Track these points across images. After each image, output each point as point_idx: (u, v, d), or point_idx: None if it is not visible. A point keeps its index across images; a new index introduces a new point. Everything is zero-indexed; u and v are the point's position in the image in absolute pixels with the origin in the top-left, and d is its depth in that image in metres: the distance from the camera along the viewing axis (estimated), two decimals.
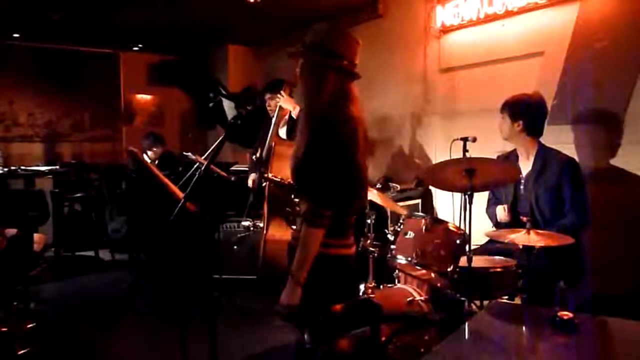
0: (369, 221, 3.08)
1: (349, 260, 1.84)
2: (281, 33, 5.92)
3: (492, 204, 2.96)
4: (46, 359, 2.96)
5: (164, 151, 5.34)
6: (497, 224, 2.86)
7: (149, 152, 5.27)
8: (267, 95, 4.01)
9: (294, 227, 1.93)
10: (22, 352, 2.79)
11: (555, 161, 2.66)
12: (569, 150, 2.88)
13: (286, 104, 3.66)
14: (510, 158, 2.85)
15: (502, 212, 2.80)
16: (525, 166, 2.76)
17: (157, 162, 5.26)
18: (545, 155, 2.70)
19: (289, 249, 1.90)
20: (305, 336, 1.69)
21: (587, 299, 2.68)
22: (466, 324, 1.65)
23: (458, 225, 2.48)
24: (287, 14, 5.23)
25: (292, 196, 1.89)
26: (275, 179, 2.11)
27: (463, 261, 2.33)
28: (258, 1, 4.47)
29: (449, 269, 2.33)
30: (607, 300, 2.67)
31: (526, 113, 2.70)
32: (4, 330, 2.81)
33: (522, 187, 2.75)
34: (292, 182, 1.87)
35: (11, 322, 2.90)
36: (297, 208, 1.84)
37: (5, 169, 5.64)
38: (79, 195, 5.63)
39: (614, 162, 3.15)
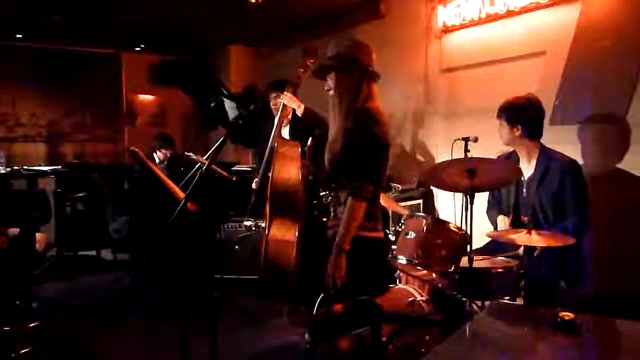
0: None
1: (382, 242, 2.16)
2: (283, 33, 5.92)
3: (492, 206, 2.95)
4: (48, 358, 2.97)
5: (173, 154, 5.33)
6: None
7: (158, 153, 5.28)
8: (272, 95, 4.00)
9: (325, 219, 2.20)
10: (23, 351, 2.80)
11: (557, 164, 2.63)
12: (571, 150, 2.87)
13: (290, 103, 3.66)
14: (512, 158, 2.84)
15: (502, 224, 2.77)
16: (527, 169, 2.74)
17: (165, 163, 5.27)
18: (547, 158, 2.67)
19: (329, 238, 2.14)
20: (306, 336, 1.69)
21: (589, 299, 2.67)
22: (467, 324, 1.64)
23: (459, 225, 2.47)
24: (288, 14, 5.23)
25: (331, 187, 2.14)
26: (313, 170, 2.22)
27: (464, 261, 2.33)
28: (259, 1, 4.47)
29: (450, 270, 2.33)
30: (610, 301, 2.67)
31: (523, 118, 2.66)
32: (6, 329, 2.82)
33: (524, 190, 2.74)
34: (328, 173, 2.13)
35: (13, 322, 2.90)
36: (327, 200, 2.15)
37: (8, 169, 5.64)
38: (81, 195, 5.63)
39: (615, 162, 3.15)
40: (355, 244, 2.01)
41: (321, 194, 2.22)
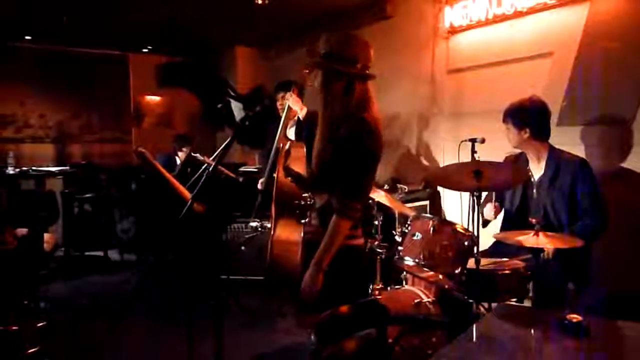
0: (376, 222, 3.07)
1: (361, 249, 2.06)
2: (289, 34, 5.93)
3: (487, 201, 2.92)
4: (55, 357, 2.98)
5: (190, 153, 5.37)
6: (484, 223, 2.80)
7: (179, 153, 5.33)
8: (280, 95, 4.01)
9: (304, 221, 2.10)
10: (31, 350, 2.81)
11: (568, 164, 2.62)
12: (578, 151, 2.86)
13: (294, 104, 3.66)
14: (520, 160, 2.82)
15: (489, 210, 2.75)
16: (537, 170, 2.73)
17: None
18: (557, 159, 2.66)
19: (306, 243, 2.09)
20: (312, 337, 1.69)
21: (598, 301, 2.65)
22: (474, 326, 1.63)
23: (466, 227, 2.46)
24: (294, 15, 5.24)
25: (308, 191, 2.07)
26: (294, 172, 2.10)
27: (471, 263, 2.31)
28: (266, 2, 4.48)
29: (456, 271, 2.31)
30: (619, 303, 2.65)
31: (530, 119, 2.65)
32: (14, 329, 2.84)
33: (534, 190, 2.73)
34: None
35: (21, 321, 2.92)
36: (309, 202, 2.08)
37: (17, 170, 5.69)
38: (88, 195, 5.67)
39: (624, 163, 3.12)
40: (338, 252, 1.93)
41: (304, 195, 2.16)
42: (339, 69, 1.88)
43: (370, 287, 3.10)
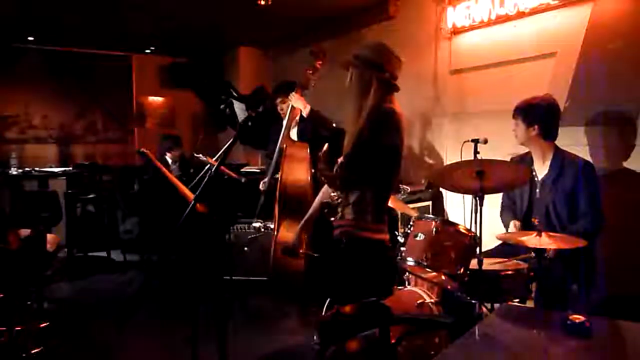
0: None
1: (386, 244, 2.16)
2: (292, 35, 5.94)
3: (506, 209, 2.93)
4: (59, 358, 3.00)
5: (181, 154, 5.38)
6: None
7: (168, 155, 5.32)
8: (278, 99, 4.02)
9: (337, 216, 2.18)
10: (35, 351, 2.82)
11: (571, 164, 2.62)
12: (581, 151, 2.86)
13: (297, 103, 3.67)
14: (525, 160, 2.82)
15: (513, 229, 2.76)
16: (541, 170, 2.73)
17: (177, 164, 5.31)
18: (562, 159, 2.66)
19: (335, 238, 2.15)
20: (315, 337, 1.69)
21: (601, 302, 2.65)
22: (477, 327, 1.63)
23: (468, 227, 2.46)
24: (297, 15, 5.24)
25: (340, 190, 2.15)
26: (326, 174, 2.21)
27: (474, 264, 2.31)
28: (269, 3, 4.49)
29: (459, 272, 2.31)
30: (622, 303, 2.64)
31: (540, 117, 2.66)
32: (18, 329, 2.85)
33: (537, 190, 2.73)
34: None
35: (25, 322, 2.93)
36: (338, 199, 2.15)
37: (20, 170, 5.71)
38: (91, 196, 5.68)
39: (627, 164, 3.12)
40: (360, 245, 2.04)
41: (332, 194, 2.21)
42: (363, 70, 2.08)
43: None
